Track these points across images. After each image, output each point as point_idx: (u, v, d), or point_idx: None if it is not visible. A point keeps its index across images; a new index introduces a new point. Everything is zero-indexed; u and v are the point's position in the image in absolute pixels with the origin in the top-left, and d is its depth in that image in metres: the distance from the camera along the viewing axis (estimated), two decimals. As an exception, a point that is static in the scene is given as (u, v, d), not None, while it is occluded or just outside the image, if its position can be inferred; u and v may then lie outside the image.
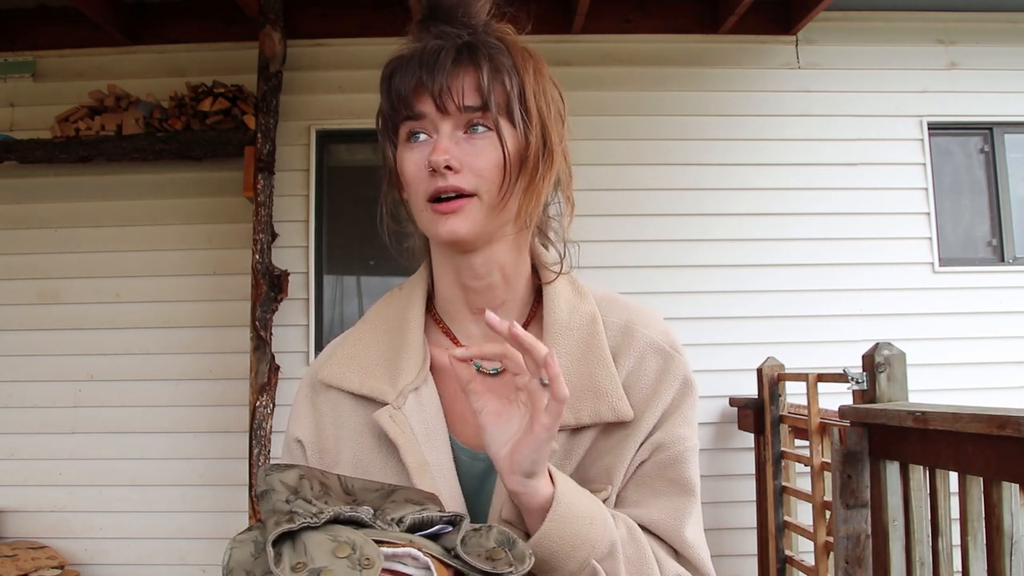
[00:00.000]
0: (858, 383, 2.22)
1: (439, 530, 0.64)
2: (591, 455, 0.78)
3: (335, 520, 0.61)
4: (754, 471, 3.22)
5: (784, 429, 3.02)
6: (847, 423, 2.22)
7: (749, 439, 3.32)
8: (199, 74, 3.55)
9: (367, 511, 0.63)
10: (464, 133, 0.75)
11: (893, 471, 2.10)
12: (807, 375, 2.67)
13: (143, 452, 3.46)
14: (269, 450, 3.18)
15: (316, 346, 3.50)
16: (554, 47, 3.63)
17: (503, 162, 0.75)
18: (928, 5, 3.76)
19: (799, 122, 3.69)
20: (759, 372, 3.10)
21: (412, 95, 0.75)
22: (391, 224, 0.85)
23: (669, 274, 3.58)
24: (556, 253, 0.86)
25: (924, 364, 3.10)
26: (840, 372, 2.30)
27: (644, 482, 0.79)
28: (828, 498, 2.51)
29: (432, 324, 0.86)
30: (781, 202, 3.64)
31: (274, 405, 3.22)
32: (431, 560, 0.59)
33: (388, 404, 0.79)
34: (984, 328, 3.59)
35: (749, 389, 3.29)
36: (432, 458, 0.77)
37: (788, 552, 2.96)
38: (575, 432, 0.77)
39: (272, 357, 3.25)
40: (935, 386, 3.24)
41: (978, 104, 3.74)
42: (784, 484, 2.98)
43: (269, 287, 3.27)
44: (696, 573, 0.78)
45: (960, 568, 1.89)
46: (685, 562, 0.78)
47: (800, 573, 2.88)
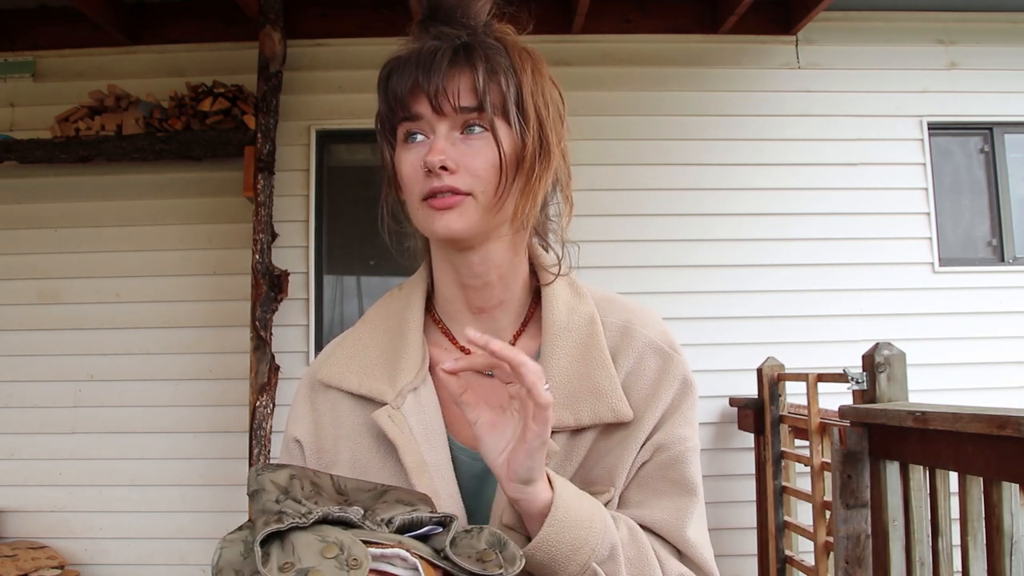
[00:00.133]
0: (858, 383, 2.22)
1: (429, 531, 0.64)
2: (592, 456, 0.78)
3: (324, 520, 0.61)
4: (754, 471, 3.22)
5: (784, 429, 3.02)
6: (847, 423, 2.22)
7: (749, 439, 3.32)
8: (199, 74, 3.54)
9: (356, 511, 0.63)
10: (460, 134, 0.75)
11: (893, 471, 2.10)
12: (807, 375, 2.67)
13: (143, 452, 3.46)
14: (269, 450, 3.18)
15: (316, 346, 3.50)
16: (554, 47, 3.63)
17: (499, 163, 0.74)
18: (928, 5, 3.76)
19: (799, 122, 3.69)
20: (759, 372, 3.10)
21: (408, 96, 0.75)
22: (391, 224, 0.85)
23: (669, 274, 3.58)
24: (555, 255, 0.85)
25: (924, 364, 3.10)
26: (840, 372, 2.30)
27: (646, 483, 0.79)
28: (828, 498, 2.51)
29: (431, 324, 0.86)
30: (781, 202, 3.64)
31: (274, 405, 3.22)
32: (420, 561, 0.59)
33: (387, 404, 0.79)
34: (984, 328, 3.59)
35: (749, 389, 3.29)
36: (431, 458, 0.77)
37: (788, 552, 2.96)
38: (575, 433, 0.77)
39: (272, 357, 3.25)
40: (935, 386, 3.24)
41: (978, 104, 3.73)
42: (784, 484, 2.98)
43: (269, 287, 3.27)
44: (699, 572, 0.78)
45: (960, 568, 1.89)
46: (688, 562, 0.78)
47: (800, 573, 2.88)
